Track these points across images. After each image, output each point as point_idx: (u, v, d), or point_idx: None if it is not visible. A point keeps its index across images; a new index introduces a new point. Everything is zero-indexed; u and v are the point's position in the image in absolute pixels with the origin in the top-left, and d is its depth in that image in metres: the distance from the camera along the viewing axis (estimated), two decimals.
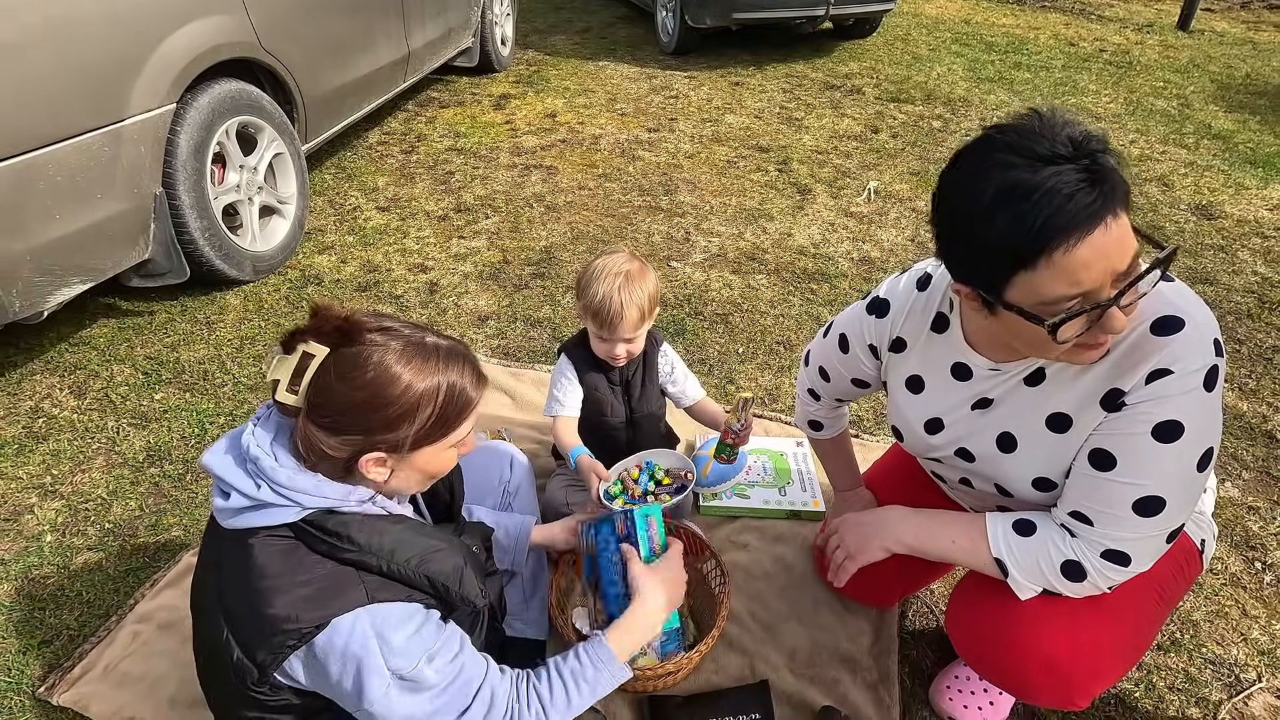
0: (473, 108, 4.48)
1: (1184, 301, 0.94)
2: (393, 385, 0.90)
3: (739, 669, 1.45)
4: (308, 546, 0.90)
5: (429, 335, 0.96)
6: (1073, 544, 1.03)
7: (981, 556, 1.10)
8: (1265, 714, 1.39)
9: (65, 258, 2.01)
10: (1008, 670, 1.13)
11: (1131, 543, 0.99)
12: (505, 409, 2.13)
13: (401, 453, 0.94)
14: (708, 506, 1.79)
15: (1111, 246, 0.82)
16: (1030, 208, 0.82)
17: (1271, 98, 4.55)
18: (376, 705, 0.88)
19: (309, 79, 2.94)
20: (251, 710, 0.94)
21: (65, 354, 2.35)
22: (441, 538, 1.00)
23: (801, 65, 5.20)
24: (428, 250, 2.97)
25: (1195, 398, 0.92)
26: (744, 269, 2.84)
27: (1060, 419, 1.03)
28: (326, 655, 0.87)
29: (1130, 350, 0.95)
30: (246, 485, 0.90)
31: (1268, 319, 2.50)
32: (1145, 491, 0.96)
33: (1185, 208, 3.22)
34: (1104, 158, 0.83)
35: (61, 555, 1.70)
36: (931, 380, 1.18)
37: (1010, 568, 1.07)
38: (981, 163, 0.87)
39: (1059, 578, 1.04)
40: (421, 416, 0.92)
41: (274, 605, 0.87)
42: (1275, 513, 1.80)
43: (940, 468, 1.26)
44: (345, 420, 0.90)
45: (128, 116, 2.10)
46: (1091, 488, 1.00)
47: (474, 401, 0.97)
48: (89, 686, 1.40)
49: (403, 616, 0.90)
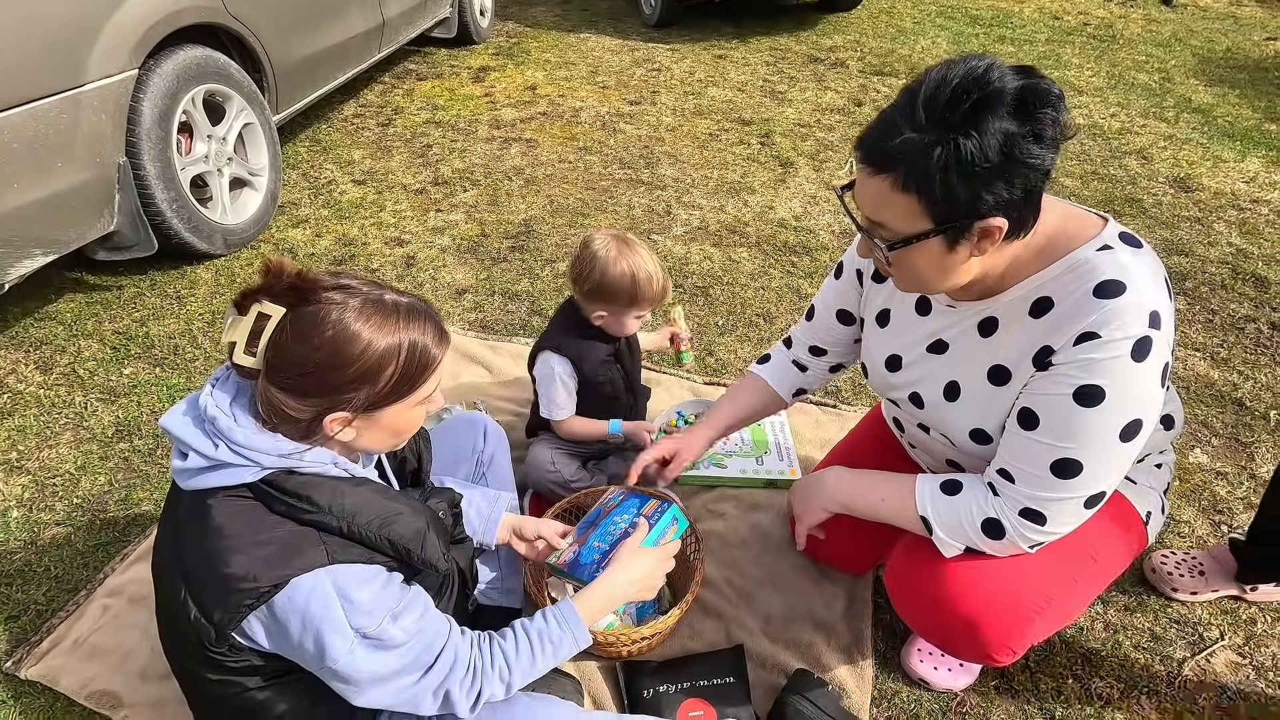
0: (451, 80, 4.39)
1: (1136, 269, 0.93)
2: (353, 344, 0.88)
3: (714, 634, 1.46)
4: (267, 507, 0.88)
5: (388, 293, 0.93)
6: (994, 502, 1.05)
7: (909, 514, 1.13)
8: (1227, 670, 1.42)
9: (25, 228, 1.96)
10: (931, 626, 1.17)
11: (1048, 503, 1.00)
12: (483, 381, 2.11)
13: (366, 412, 0.92)
14: (685, 476, 1.79)
15: (865, 191, 0.94)
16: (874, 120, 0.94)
17: (1251, 72, 4.56)
18: (341, 663, 0.87)
19: (278, 46, 2.86)
20: (214, 673, 0.93)
21: (30, 329, 2.29)
22: (405, 502, 0.98)
23: (785, 38, 5.14)
24: (405, 224, 2.93)
25: (1120, 365, 0.91)
26: (725, 242, 2.82)
27: (1000, 372, 1.05)
28: (287, 615, 0.86)
29: (1070, 310, 0.95)
30: (204, 445, 0.88)
31: (1240, 289, 2.52)
32: (1062, 454, 0.97)
33: (1164, 180, 3.24)
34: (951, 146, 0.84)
35: (28, 530, 1.67)
36: (898, 315, 1.20)
37: (934, 525, 1.10)
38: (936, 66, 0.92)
39: (980, 535, 1.06)
40: (384, 375, 0.90)
41: (231, 564, 0.85)
42: (1242, 478, 1.83)
43: (899, 412, 1.29)
44: (306, 381, 0.88)
45: (87, 82, 2.03)
46: (1016, 445, 1.02)
47: (437, 359, 0.96)
48: (58, 660, 1.39)
49: (364, 576, 0.89)
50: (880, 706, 1.36)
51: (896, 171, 0.88)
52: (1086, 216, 1.00)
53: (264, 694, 0.96)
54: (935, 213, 0.89)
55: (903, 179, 0.88)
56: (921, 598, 1.15)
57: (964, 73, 0.85)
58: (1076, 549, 1.11)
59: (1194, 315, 2.40)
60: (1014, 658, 1.14)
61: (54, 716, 1.32)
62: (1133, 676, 1.40)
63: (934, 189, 0.87)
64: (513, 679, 1.01)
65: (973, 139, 0.83)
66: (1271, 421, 1.99)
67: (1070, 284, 0.96)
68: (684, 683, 1.32)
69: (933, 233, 0.91)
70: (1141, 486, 1.19)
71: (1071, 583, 1.12)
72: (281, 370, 0.87)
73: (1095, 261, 0.94)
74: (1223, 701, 1.37)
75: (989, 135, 0.83)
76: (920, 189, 0.88)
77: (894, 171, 0.89)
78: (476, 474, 1.47)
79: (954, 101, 0.84)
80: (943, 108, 0.85)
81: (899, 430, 1.35)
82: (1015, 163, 0.85)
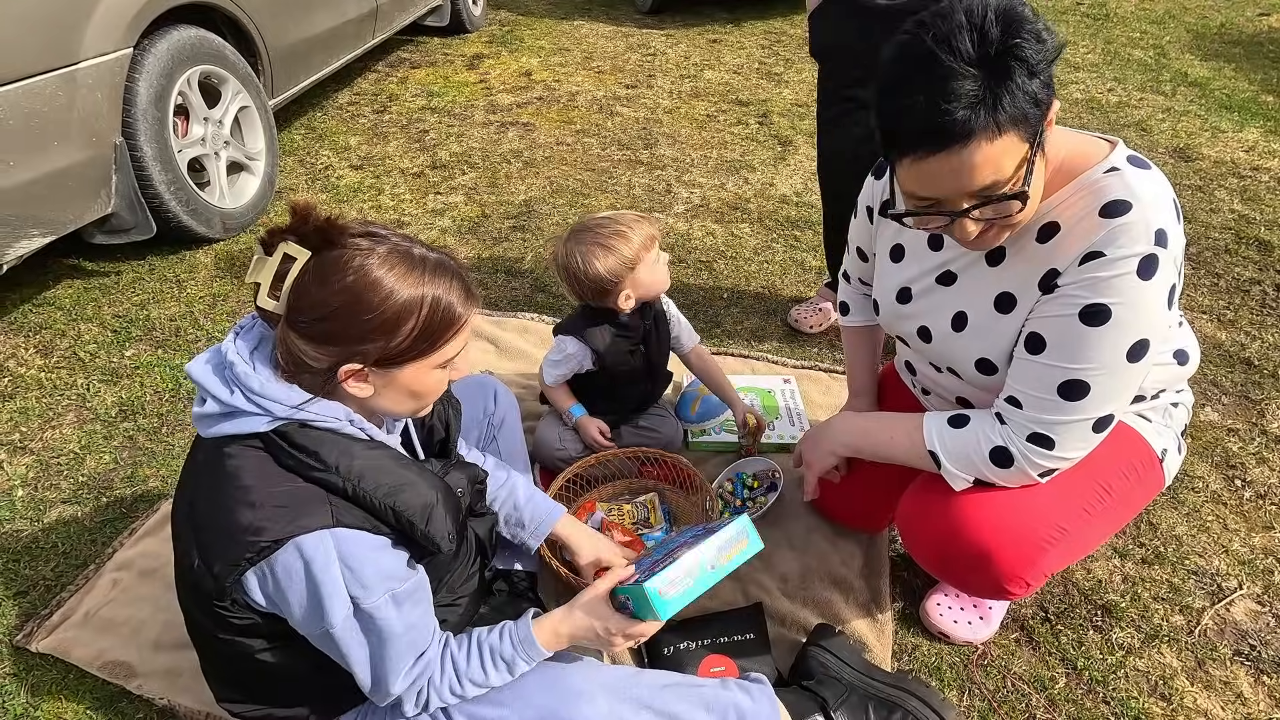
0: (445, 68, 4.37)
1: (1141, 188, 0.92)
2: (373, 292, 0.85)
3: (731, 594, 1.44)
4: (276, 460, 0.86)
5: (417, 246, 0.91)
6: (1001, 430, 1.04)
7: (917, 450, 1.12)
8: (1246, 618, 1.42)
9: (21, 208, 1.93)
10: (943, 561, 1.16)
11: (1056, 426, 1.00)
12: (490, 356, 2.09)
13: (384, 367, 0.89)
14: (696, 442, 1.78)
15: (962, 169, 0.85)
16: (893, 110, 0.87)
17: (1246, 46, 4.57)
18: (337, 629, 0.85)
19: (273, 29, 2.83)
20: (222, 631, 0.91)
21: (29, 315, 2.27)
22: (419, 472, 0.95)
23: (780, 22, 5.13)
24: (403, 207, 2.90)
25: (1127, 283, 0.91)
26: (727, 218, 2.81)
27: (1006, 299, 1.04)
28: (288, 574, 0.84)
29: (1076, 232, 0.95)
30: (221, 391, 0.86)
31: (1244, 253, 2.52)
32: (1070, 375, 0.96)
33: (1164, 150, 3.23)
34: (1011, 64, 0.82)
35: (34, 509, 1.65)
36: (911, 248, 1.19)
37: (942, 458, 1.10)
38: (901, 35, 0.88)
39: (988, 465, 1.06)
40: (404, 329, 0.87)
41: (235, 515, 0.83)
42: (1253, 434, 1.83)
43: (910, 354, 1.28)
44: (323, 327, 0.85)
45: (81, 60, 2.00)
46: (1024, 370, 1.02)
47: (461, 318, 0.92)
48: (69, 633, 1.37)
49: (369, 544, 0.87)
50: (901, 661, 1.35)
51: (980, 133, 0.83)
52: (1095, 141, 1.00)
53: (269, 656, 0.94)
54: (1026, 132, 0.86)
55: (990, 131, 0.83)
56: (932, 532, 1.15)
57: (956, 21, 0.83)
58: (1088, 481, 1.11)
59: (1199, 279, 2.39)
60: (1028, 590, 1.13)
61: (67, 688, 1.30)
62: (1153, 627, 1.40)
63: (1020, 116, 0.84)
64: (464, 691, 0.97)
65: (1016, 59, 0.82)
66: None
67: (1076, 206, 0.96)
68: (704, 639, 1.31)
69: (1033, 148, 0.88)
70: (1158, 424, 1.19)
71: (1084, 514, 1.11)
72: (300, 314, 0.85)
73: (1102, 183, 0.95)
74: (1243, 649, 1.36)
75: (1024, 49, 0.83)
76: (1011, 125, 0.84)
77: (977, 135, 0.83)
78: (487, 437, 1.46)
79: (984, 38, 0.83)
80: (978, 49, 0.83)
81: (910, 374, 1.34)
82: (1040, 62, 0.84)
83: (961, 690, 1.30)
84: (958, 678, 1.32)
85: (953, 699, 1.29)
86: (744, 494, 1.63)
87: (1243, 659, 1.35)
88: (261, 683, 1.00)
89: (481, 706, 1.00)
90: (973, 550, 1.09)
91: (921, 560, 1.23)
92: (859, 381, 1.50)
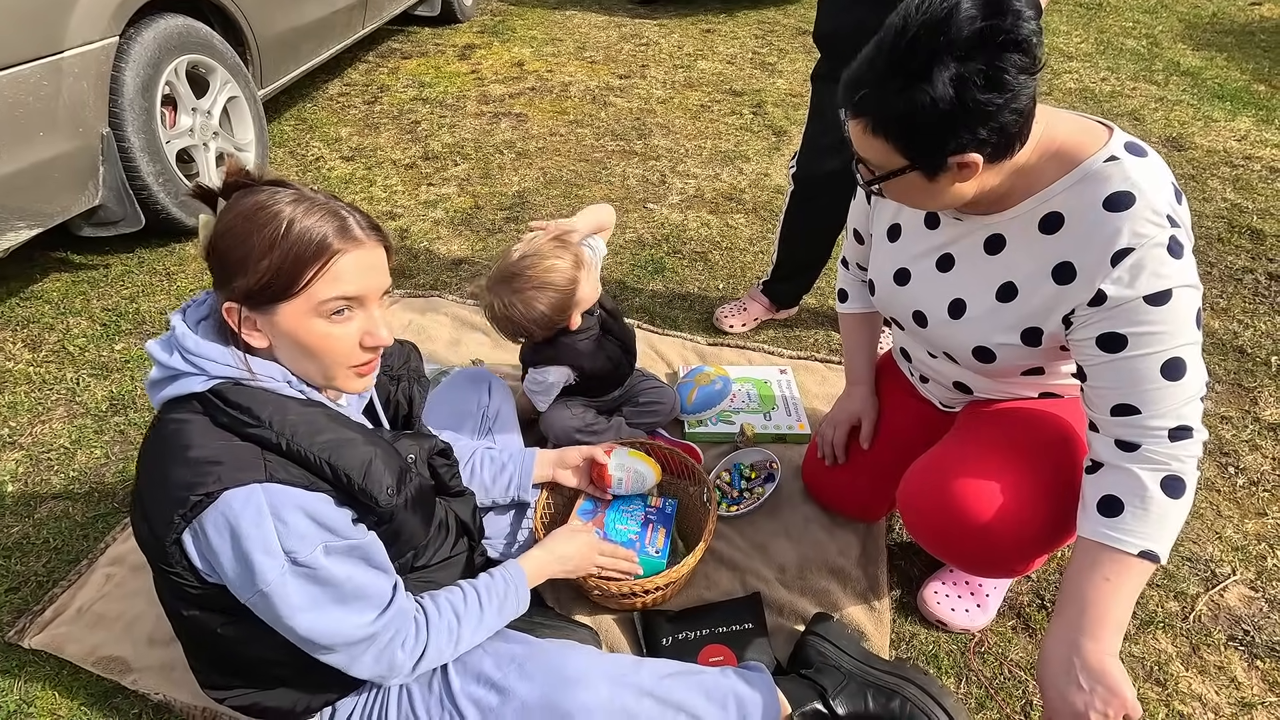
0: (436, 58, 4.33)
1: (1138, 175, 0.93)
2: (246, 223, 0.84)
3: (730, 584, 1.44)
4: (211, 419, 0.85)
5: (321, 195, 0.88)
6: (1141, 454, 0.96)
7: (1130, 569, 0.95)
8: (1240, 604, 1.43)
9: (7, 200, 1.90)
10: (945, 539, 1.16)
11: (1181, 410, 0.94)
12: (483, 348, 2.08)
13: (255, 307, 0.85)
14: (693, 433, 1.77)
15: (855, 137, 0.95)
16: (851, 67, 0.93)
17: (1237, 36, 4.57)
18: (271, 587, 0.82)
19: (261, 19, 2.79)
20: (185, 606, 0.91)
21: (17, 308, 2.24)
22: (359, 431, 0.93)
23: (773, 12, 5.10)
24: (396, 198, 2.88)
25: (1166, 264, 0.91)
26: (722, 209, 2.80)
27: (1009, 288, 1.05)
28: (218, 531, 0.82)
29: (1085, 225, 0.96)
30: (162, 355, 0.87)
31: (1236, 242, 2.53)
32: (1163, 356, 0.93)
33: (1157, 139, 3.24)
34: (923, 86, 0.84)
35: (24, 504, 1.63)
36: (908, 227, 1.19)
37: (1155, 548, 0.95)
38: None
39: (1168, 499, 0.95)
40: (265, 259, 0.83)
41: (170, 476, 0.83)
42: (1246, 421, 1.84)
43: (905, 339, 1.28)
44: (212, 264, 0.86)
45: (66, 48, 1.97)
46: (1116, 372, 0.96)
47: (333, 250, 0.84)
48: (62, 628, 1.35)
49: (303, 500, 0.85)
50: (899, 649, 1.36)
51: (865, 118, 0.92)
52: (1092, 127, 1.00)
53: (233, 630, 0.92)
54: (907, 153, 0.92)
55: (870, 125, 0.92)
56: (934, 510, 1.15)
57: (923, 19, 0.83)
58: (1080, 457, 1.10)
59: None
60: (1029, 567, 1.14)
61: (60, 684, 1.29)
62: (1147, 613, 1.41)
63: (899, 134, 0.90)
64: (461, 630, 0.98)
65: (924, 90, 0.84)
66: (1273, 367, 2.00)
67: (1079, 197, 0.96)
68: (702, 629, 1.31)
69: (909, 169, 0.94)
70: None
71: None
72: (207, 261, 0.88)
73: (1103, 174, 0.95)
74: (1237, 634, 1.37)
75: (939, 85, 0.83)
76: (887, 134, 0.91)
77: (863, 118, 0.92)
78: (482, 429, 1.45)
79: (911, 49, 0.84)
80: (901, 55, 0.85)
81: (906, 362, 1.34)
82: (970, 110, 0.85)
83: (959, 677, 1.31)
84: (955, 665, 1.33)
85: (950, 686, 1.30)
86: (741, 485, 1.63)
87: (1236, 644, 1.36)
88: (236, 662, 0.97)
89: (484, 691, 1.00)
90: (974, 526, 1.09)
91: (923, 540, 1.23)
92: (857, 370, 1.50)
